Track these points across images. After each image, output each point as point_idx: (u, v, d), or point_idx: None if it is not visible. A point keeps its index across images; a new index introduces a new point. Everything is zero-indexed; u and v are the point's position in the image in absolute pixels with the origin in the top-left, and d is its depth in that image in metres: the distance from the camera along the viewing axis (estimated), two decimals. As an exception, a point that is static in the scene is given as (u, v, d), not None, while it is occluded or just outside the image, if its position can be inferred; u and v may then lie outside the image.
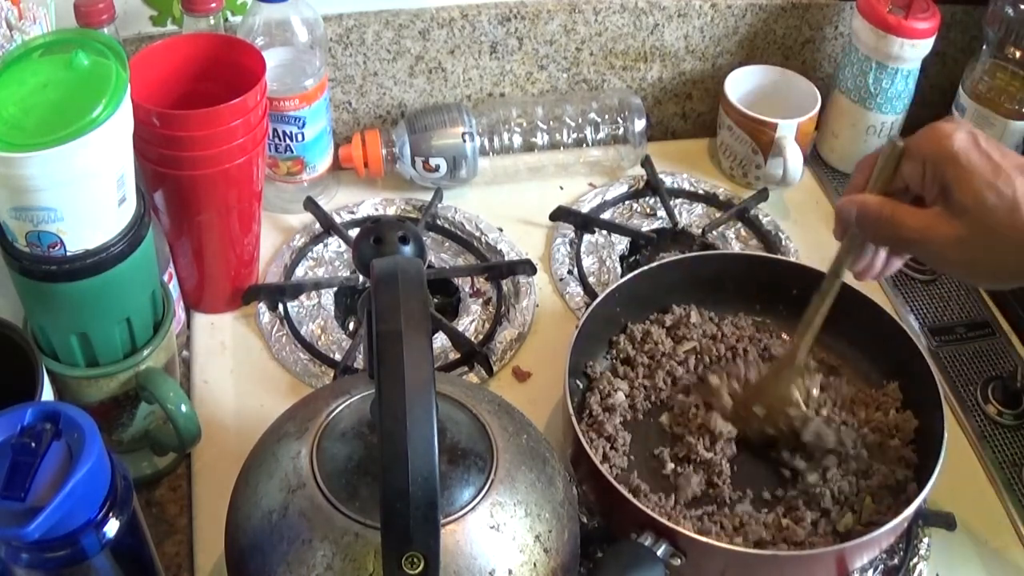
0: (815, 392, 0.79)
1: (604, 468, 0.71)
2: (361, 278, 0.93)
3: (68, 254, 0.64)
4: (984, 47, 1.02)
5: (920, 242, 0.62)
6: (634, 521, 0.68)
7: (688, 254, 0.90)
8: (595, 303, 0.83)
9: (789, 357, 0.77)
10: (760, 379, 0.80)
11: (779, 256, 0.97)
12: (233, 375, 0.87)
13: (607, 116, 1.06)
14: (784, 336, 0.87)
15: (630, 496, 0.69)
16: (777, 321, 0.89)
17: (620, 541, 0.68)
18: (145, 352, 0.73)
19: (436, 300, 0.97)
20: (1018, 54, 0.99)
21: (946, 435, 0.73)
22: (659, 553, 0.66)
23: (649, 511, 0.68)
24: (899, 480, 0.76)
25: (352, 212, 1.01)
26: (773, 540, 0.72)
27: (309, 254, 0.97)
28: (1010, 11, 0.98)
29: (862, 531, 0.72)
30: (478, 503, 0.59)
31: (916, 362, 0.79)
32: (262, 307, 0.91)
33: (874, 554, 0.73)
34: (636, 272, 0.86)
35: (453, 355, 0.89)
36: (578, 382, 0.83)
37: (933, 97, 1.14)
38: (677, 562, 0.67)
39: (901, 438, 0.79)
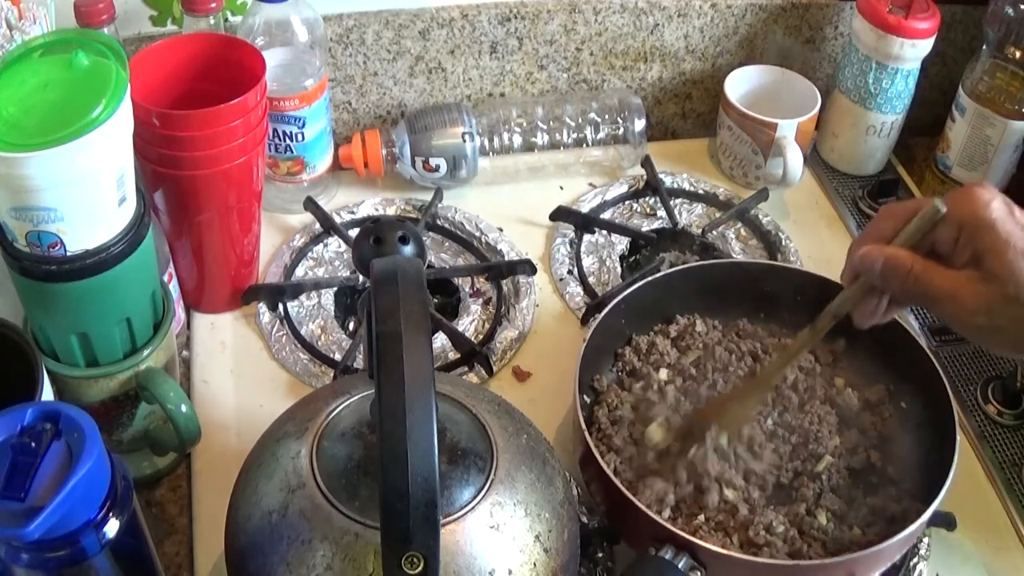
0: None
1: (617, 481, 0.70)
2: (361, 278, 0.93)
3: (68, 254, 0.64)
4: (984, 47, 1.02)
5: (948, 302, 0.62)
6: (652, 535, 0.68)
7: (691, 264, 0.89)
8: (600, 316, 0.82)
9: (762, 383, 0.77)
10: (721, 396, 0.80)
11: (782, 263, 0.97)
12: (233, 375, 0.87)
13: (607, 116, 1.06)
14: (788, 342, 0.86)
15: (653, 514, 0.68)
16: (781, 327, 0.87)
17: (642, 558, 0.68)
18: (145, 352, 0.73)
19: (436, 300, 0.97)
20: (1018, 54, 0.99)
21: (958, 446, 0.73)
22: (680, 566, 0.66)
23: (671, 527, 0.67)
24: (895, 514, 0.74)
25: (352, 212, 1.01)
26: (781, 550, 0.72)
27: (309, 254, 0.97)
28: (1010, 11, 0.98)
29: (870, 542, 0.71)
30: (478, 503, 0.59)
31: (923, 366, 0.79)
32: (262, 307, 0.91)
33: (890, 562, 0.72)
34: (640, 283, 0.85)
35: (453, 355, 0.89)
36: (586, 397, 0.82)
37: (933, 97, 1.14)
38: (697, 575, 0.67)
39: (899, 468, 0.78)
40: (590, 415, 0.81)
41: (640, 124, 1.06)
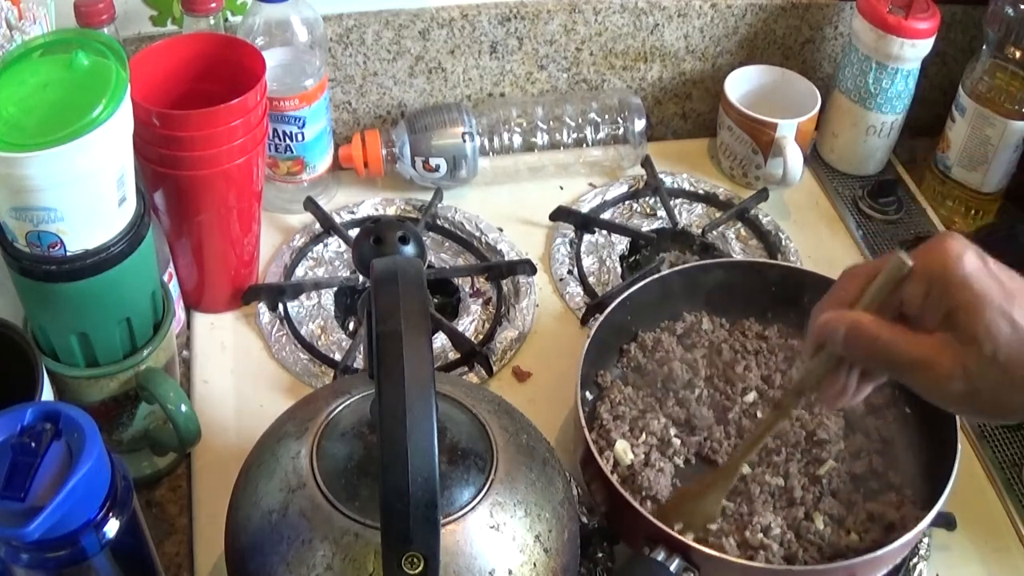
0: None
1: (614, 478, 0.70)
2: (361, 278, 0.93)
3: (68, 254, 0.64)
4: (984, 47, 1.02)
5: (921, 371, 0.56)
6: (647, 535, 0.68)
7: (699, 262, 0.88)
8: (606, 312, 0.82)
9: (728, 472, 0.70)
10: (687, 490, 0.74)
11: (790, 264, 0.97)
12: (233, 375, 0.87)
13: (607, 116, 1.06)
14: (794, 342, 0.86)
15: (647, 513, 0.68)
16: (788, 327, 0.87)
17: (634, 557, 0.68)
18: (145, 352, 0.73)
19: (436, 300, 0.97)
20: (1018, 54, 0.99)
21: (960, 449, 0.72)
22: (672, 568, 0.66)
23: (664, 527, 0.67)
24: (893, 520, 0.74)
25: (352, 212, 1.01)
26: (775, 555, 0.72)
27: (309, 254, 0.97)
28: (1010, 11, 0.98)
29: (867, 548, 0.71)
30: (478, 503, 0.59)
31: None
32: (262, 307, 0.91)
33: (888, 567, 0.72)
34: (646, 280, 0.85)
35: (453, 355, 0.89)
36: (588, 393, 0.82)
37: (933, 97, 1.14)
38: None
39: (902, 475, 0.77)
40: (592, 411, 0.81)
41: (640, 124, 1.06)
